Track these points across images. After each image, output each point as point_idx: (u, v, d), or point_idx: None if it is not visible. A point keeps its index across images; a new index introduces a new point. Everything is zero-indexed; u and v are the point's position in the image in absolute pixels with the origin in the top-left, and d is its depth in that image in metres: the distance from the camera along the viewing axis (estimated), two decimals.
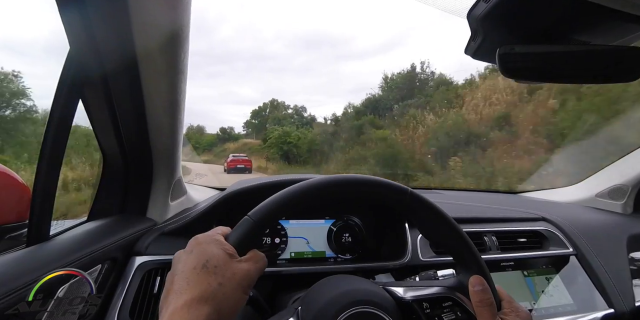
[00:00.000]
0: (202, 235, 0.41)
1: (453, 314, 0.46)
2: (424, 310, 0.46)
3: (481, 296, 0.44)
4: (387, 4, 49.83)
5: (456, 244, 0.47)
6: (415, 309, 0.46)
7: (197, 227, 0.74)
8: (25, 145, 1.78)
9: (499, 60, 0.44)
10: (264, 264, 0.41)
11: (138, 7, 0.47)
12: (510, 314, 0.45)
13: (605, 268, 0.88)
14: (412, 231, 0.81)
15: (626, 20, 0.39)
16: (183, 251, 0.39)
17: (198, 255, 0.37)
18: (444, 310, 0.46)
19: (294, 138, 18.46)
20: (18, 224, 0.60)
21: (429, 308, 0.46)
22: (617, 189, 1.17)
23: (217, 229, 0.43)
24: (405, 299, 0.47)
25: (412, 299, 0.46)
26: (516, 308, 0.46)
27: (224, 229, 0.43)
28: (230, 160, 14.90)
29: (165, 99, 0.63)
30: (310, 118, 32.75)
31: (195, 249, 0.38)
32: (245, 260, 0.39)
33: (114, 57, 0.55)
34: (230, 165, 14.20)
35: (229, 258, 0.37)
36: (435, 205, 0.47)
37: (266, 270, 0.70)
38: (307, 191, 0.43)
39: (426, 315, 0.45)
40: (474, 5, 0.42)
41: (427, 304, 0.46)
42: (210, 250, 0.37)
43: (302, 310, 0.44)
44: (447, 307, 0.46)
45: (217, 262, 0.36)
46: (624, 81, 0.47)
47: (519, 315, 0.45)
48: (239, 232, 0.41)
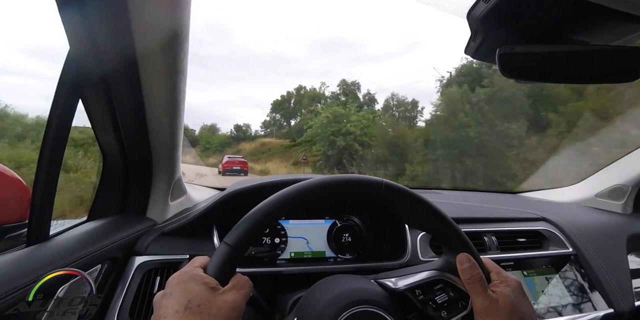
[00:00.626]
0: (180, 273, 0.39)
1: (446, 295, 0.47)
2: (418, 297, 0.46)
3: (470, 273, 0.45)
4: (404, 5, 49.45)
5: (438, 225, 0.48)
6: (409, 298, 0.46)
7: (197, 227, 0.74)
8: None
9: (499, 60, 0.44)
10: (249, 288, 0.40)
11: (138, 7, 0.47)
12: (500, 284, 0.45)
13: (605, 268, 0.88)
14: (412, 231, 0.81)
15: (626, 20, 0.39)
16: (162, 294, 0.37)
17: (179, 297, 0.35)
18: (436, 293, 0.47)
19: (355, 125, 10.52)
20: (18, 224, 0.60)
21: (421, 294, 0.47)
22: (617, 189, 1.17)
23: (194, 262, 0.41)
24: (398, 289, 0.47)
25: (404, 289, 0.47)
26: (505, 278, 0.47)
27: (202, 260, 0.41)
28: (225, 162, 14.58)
29: (165, 99, 0.63)
30: (369, 98, 22.48)
31: (174, 290, 0.36)
32: (229, 290, 0.38)
33: (114, 57, 0.55)
34: (226, 167, 13.95)
35: (212, 293, 0.36)
36: (411, 191, 0.47)
37: (266, 270, 0.71)
38: (281, 204, 0.43)
39: (420, 301, 0.46)
40: (474, 5, 0.42)
41: (419, 291, 0.47)
42: (191, 289, 0.36)
43: (299, 317, 0.45)
44: (439, 290, 0.47)
45: (200, 301, 0.34)
46: (624, 81, 0.47)
47: (509, 285, 0.45)
48: (217, 261, 0.40)
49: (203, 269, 0.40)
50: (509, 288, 0.45)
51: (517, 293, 0.45)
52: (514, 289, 0.45)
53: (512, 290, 0.45)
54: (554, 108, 7.40)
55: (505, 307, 0.43)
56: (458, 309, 0.46)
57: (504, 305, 0.43)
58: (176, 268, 0.67)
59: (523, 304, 0.44)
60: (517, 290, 0.45)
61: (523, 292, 0.46)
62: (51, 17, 0.49)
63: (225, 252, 0.40)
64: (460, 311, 0.46)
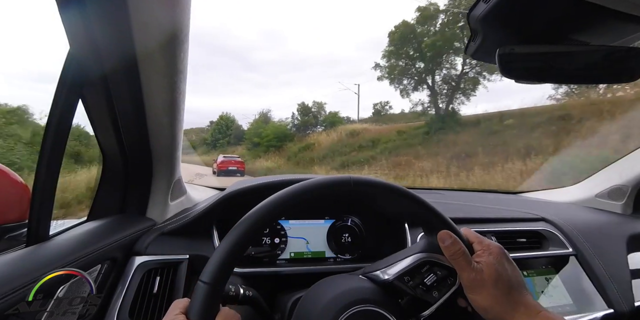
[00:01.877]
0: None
1: (434, 275, 0.47)
2: (407, 283, 0.47)
3: (453, 249, 0.45)
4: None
5: (414, 208, 0.48)
6: (399, 286, 0.47)
7: (197, 227, 0.74)
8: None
9: (499, 60, 0.44)
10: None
11: (138, 7, 0.47)
12: (483, 254, 0.46)
13: (605, 268, 0.88)
14: (412, 231, 0.81)
15: (626, 20, 0.39)
16: None
17: None
18: (424, 276, 0.47)
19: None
20: (18, 224, 0.60)
21: (410, 280, 0.47)
22: (616, 189, 1.17)
23: (174, 308, 0.39)
24: (387, 280, 0.48)
25: (392, 278, 0.47)
26: (487, 246, 0.47)
27: (181, 304, 0.40)
28: (220, 162, 13.42)
29: (165, 99, 0.63)
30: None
31: None
32: None
33: (114, 57, 0.55)
34: (221, 167, 12.94)
35: None
36: (380, 180, 0.48)
37: (266, 270, 0.71)
38: (252, 227, 0.41)
39: (410, 287, 0.46)
40: (473, 5, 0.42)
41: (407, 277, 0.47)
42: None
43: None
44: (426, 271, 0.48)
45: None
46: (624, 81, 0.47)
47: (491, 253, 0.45)
48: (198, 303, 0.38)
49: (185, 314, 0.38)
50: (492, 256, 0.45)
51: (500, 259, 0.45)
52: (496, 256, 0.45)
53: (495, 257, 0.45)
54: None
55: (491, 276, 0.43)
56: (447, 286, 0.47)
57: (489, 275, 0.43)
58: (176, 268, 0.67)
59: (508, 270, 0.45)
60: (501, 256, 0.45)
61: (507, 258, 0.46)
62: (51, 17, 0.49)
63: (203, 291, 0.38)
64: (450, 287, 0.47)
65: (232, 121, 27.98)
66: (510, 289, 0.43)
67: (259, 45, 55.35)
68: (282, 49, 52.40)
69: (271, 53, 52.93)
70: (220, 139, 27.12)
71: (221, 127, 27.79)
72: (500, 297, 0.42)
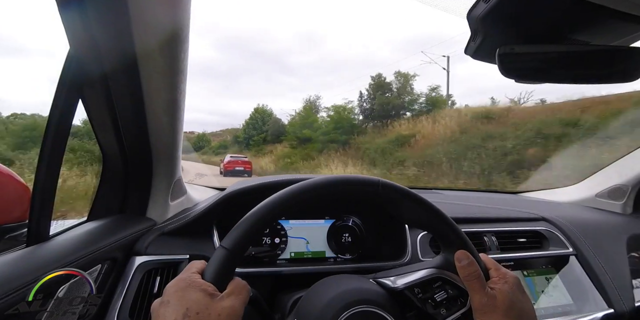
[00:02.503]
0: (176, 280, 0.38)
1: (445, 293, 0.47)
2: (417, 295, 0.46)
3: (468, 270, 0.45)
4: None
5: (436, 223, 0.48)
6: (408, 296, 0.46)
7: (197, 227, 0.74)
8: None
9: (499, 60, 0.44)
10: (247, 294, 0.40)
11: (138, 7, 0.47)
12: (499, 281, 0.45)
13: (605, 268, 0.88)
14: (412, 231, 0.81)
15: (626, 20, 0.39)
16: (160, 302, 0.37)
17: (176, 305, 0.35)
18: (435, 291, 0.47)
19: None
20: (18, 224, 0.60)
21: (420, 292, 0.47)
22: (616, 189, 1.17)
23: (190, 267, 0.41)
24: (397, 288, 0.47)
25: (403, 287, 0.47)
26: (504, 274, 0.46)
27: (199, 265, 0.41)
28: (227, 162, 13.04)
29: (165, 99, 0.63)
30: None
31: (172, 298, 0.36)
32: (228, 296, 0.37)
33: (114, 57, 0.55)
34: (228, 167, 12.53)
35: (210, 299, 0.35)
36: (407, 189, 0.48)
37: (266, 270, 0.71)
38: (279, 205, 0.43)
39: (419, 299, 0.46)
40: (474, 5, 0.42)
41: (418, 289, 0.47)
42: (189, 296, 0.35)
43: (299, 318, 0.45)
44: (438, 287, 0.47)
45: (199, 308, 0.34)
46: (624, 81, 0.47)
47: (507, 281, 0.45)
48: (215, 266, 0.39)
49: (200, 274, 0.39)
50: (507, 285, 0.45)
51: (515, 290, 0.45)
52: (512, 286, 0.45)
53: (510, 286, 0.44)
54: None
55: (504, 303, 0.42)
56: (457, 306, 0.46)
57: (502, 302, 0.43)
58: (176, 268, 0.67)
59: (522, 301, 0.44)
60: (516, 286, 0.45)
61: (522, 289, 0.46)
62: (51, 17, 0.49)
63: (222, 256, 0.39)
64: (460, 308, 0.46)
65: (268, 114, 22.78)
66: (520, 318, 0.43)
67: (296, 48, 55.07)
68: (319, 51, 51.89)
69: (308, 56, 52.66)
70: (255, 135, 22.23)
71: (256, 122, 22.70)
72: None
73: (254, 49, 57.33)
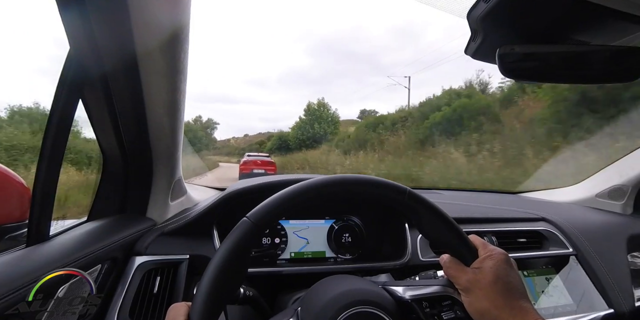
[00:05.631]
0: None
1: (452, 313, 0.46)
2: (424, 309, 0.46)
3: (447, 260, 0.45)
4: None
5: (456, 243, 0.47)
6: (414, 308, 0.46)
7: (197, 227, 0.74)
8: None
9: (499, 60, 0.44)
10: None
11: (138, 7, 0.47)
12: (485, 258, 0.45)
13: (605, 268, 0.88)
14: (412, 231, 0.81)
15: (626, 20, 0.39)
16: None
17: None
18: (443, 309, 0.46)
19: None
20: (18, 224, 0.60)
21: (428, 307, 0.46)
22: (617, 189, 1.17)
23: (174, 314, 0.37)
24: (404, 298, 0.47)
25: (411, 298, 0.46)
26: (491, 250, 0.46)
27: (181, 310, 0.38)
28: (243, 162, 10.51)
29: (165, 99, 0.63)
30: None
31: None
32: None
33: (114, 57, 0.55)
34: (243, 169, 9.92)
35: None
36: (434, 204, 0.47)
37: (266, 270, 0.71)
38: (304, 192, 0.43)
39: (425, 314, 0.45)
40: (474, 5, 0.42)
41: (426, 303, 0.46)
42: None
43: (302, 310, 0.45)
44: (446, 306, 0.46)
45: None
46: (624, 81, 0.47)
47: (493, 257, 0.45)
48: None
49: (187, 314, 0.37)
50: (493, 260, 0.44)
51: (501, 264, 0.44)
52: (497, 261, 0.44)
53: (495, 262, 0.44)
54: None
55: (488, 277, 0.42)
56: None
57: (486, 276, 0.42)
58: (176, 268, 0.67)
59: (508, 275, 0.43)
60: (502, 261, 0.44)
61: (510, 263, 0.45)
62: (51, 17, 0.49)
63: (246, 226, 0.39)
64: None
65: (327, 109, 18.80)
66: (508, 291, 0.42)
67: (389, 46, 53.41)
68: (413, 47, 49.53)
69: (402, 53, 51.10)
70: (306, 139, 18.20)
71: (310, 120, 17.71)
72: (497, 299, 0.41)
73: (345, 50, 56.26)
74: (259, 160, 10.69)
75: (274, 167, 10.44)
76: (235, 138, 46.62)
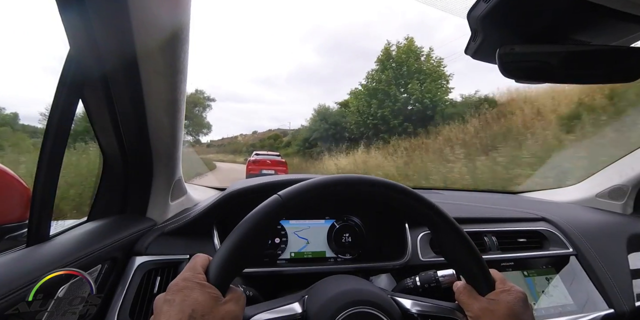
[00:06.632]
0: (182, 280, 0.38)
1: None
2: None
3: (461, 286, 0.45)
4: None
5: (476, 273, 0.47)
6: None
7: (197, 227, 0.74)
8: None
9: (499, 60, 0.44)
10: (244, 302, 0.40)
11: (138, 7, 0.47)
12: (503, 292, 0.45)
13: (605, 268, 0.88)
14: (412, 231, 0.81)
15: (626, 20, 0.39)
16: (164, 298, 0.37)
17: (182, 305, 0.35)
18: None
19: None
20: (18, 224, 0.60)
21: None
22: (617, 189, 1.17)
23: (195, 266, 0.39)
24: (411, 311, 0.47)
25: (418, 312, 0.46)
26: (510, 287, 0.46)
27: (203, 262, 0.40)
28: (252, 161, 9.68)
29: (165, 99, 0.63)
30: None
31: (177, 296, 0.36)
32: (229, 301, 0.38)
33: (114, 57, 0.55)
34: (252, 170, 9.08)
35: (215, 303, 0.36)
36: (458, 226, 0.47)
37: (266, 270, 0.71)
38: (334, 184, 0.43)
39: None
40: (474, 5, 0.42)
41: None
42: (195, 297, 0.35)
43: (308, 299, 0.45)
44: None
45: (204, 310, 0.34)
46: (624, 81, 0.47)
47: (511, 293, 0.44)
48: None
49: (205, 273, 0.39)
50: (511, 296, 0.44)
51: (518, 302, 0.44)
52: (515, 298, 0.44)
53: (513, 298, 0.43)
54: None
55: (504, 310, 0.42)
56: None
57: (502, 308, 0.42)
58: (176, 268, 0.67)
59: (524, 313, 0.43)
60: (520, 299, 0.44)
61: (527, 304, 0.45)
62: (51, 17, 0.49)
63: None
64: None
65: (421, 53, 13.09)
66: None
67: (402, 43, 52.75)
68: (428, 42, 48.92)
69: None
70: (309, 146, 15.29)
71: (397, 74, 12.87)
72: None
73: (355, 48, 55.91)
74: (269, 159, 9.83)
75: (285, 168, 9.65)
76: (244, 135, 45.69)
